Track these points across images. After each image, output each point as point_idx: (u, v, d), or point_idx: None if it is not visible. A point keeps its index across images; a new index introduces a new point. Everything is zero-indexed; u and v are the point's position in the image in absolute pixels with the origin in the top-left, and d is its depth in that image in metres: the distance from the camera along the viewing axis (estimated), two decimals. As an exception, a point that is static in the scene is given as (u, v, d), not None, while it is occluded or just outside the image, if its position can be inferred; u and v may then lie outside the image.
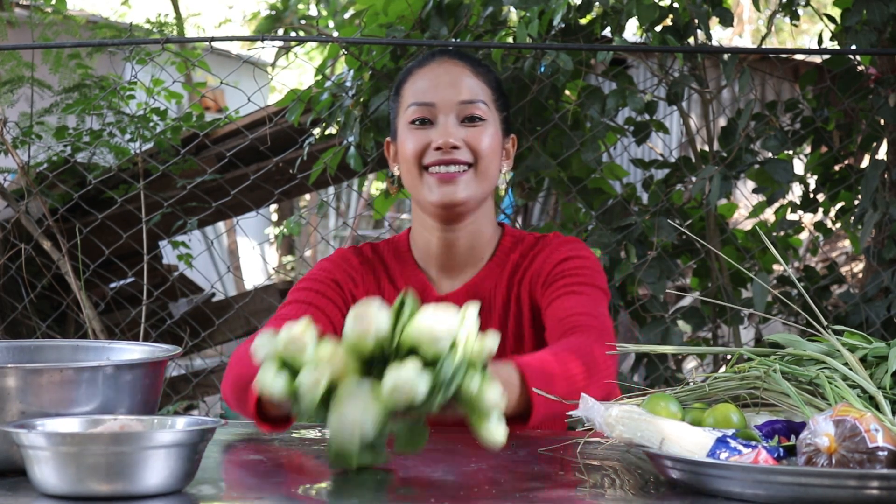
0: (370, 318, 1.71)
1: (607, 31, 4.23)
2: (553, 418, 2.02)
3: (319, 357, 1.71)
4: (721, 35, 12.06)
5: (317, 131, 4.58)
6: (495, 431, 1.71)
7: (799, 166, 4.58)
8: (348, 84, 4.21)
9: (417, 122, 2.32)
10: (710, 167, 3.95)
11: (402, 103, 2.37)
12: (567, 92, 4.32)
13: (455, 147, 2.28)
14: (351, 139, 4.18)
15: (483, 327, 2.09)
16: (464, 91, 2.32)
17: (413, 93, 2.34)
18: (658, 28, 4.04)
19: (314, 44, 10.59)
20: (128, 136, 4.70)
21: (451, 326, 1.68)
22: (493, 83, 2.38)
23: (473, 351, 1.70)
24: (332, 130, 4.46)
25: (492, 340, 1.73)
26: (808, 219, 4.51)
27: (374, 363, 1.72)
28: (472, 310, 1.72)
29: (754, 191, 4.30)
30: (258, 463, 1.93)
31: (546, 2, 3.89)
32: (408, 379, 1.65)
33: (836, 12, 4.15)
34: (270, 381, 1.71)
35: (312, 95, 4.32)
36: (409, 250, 2.42)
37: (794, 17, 4.28)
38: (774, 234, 4.41)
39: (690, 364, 6.42)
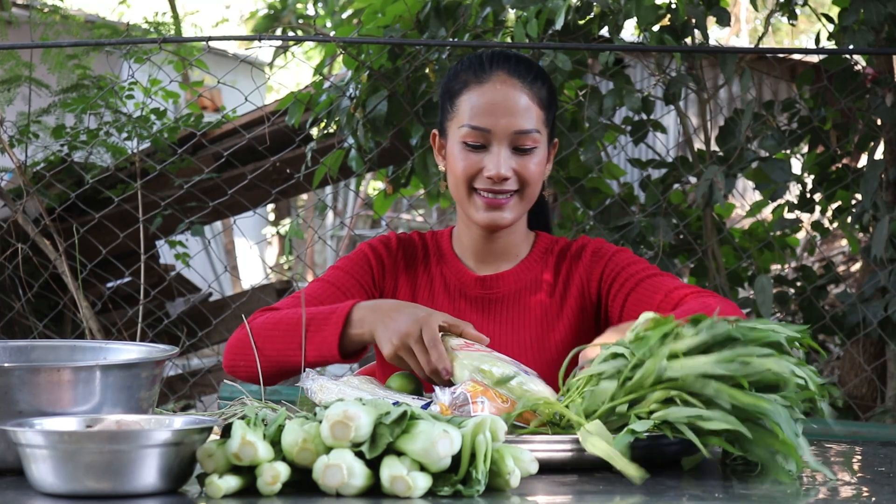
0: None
1: (604, 31, 4.22)
2: None
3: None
4: (718, 35, 12.07)
5: (315, 132, 4.58)
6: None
7: (796, 166, 4.58)
8: (347, 84, 4.20)
9: (471, 145, 2.37)
10: (713, 168, 3.94)
11: (457, 117, 2.40)
12: (565, 91, 4.32)
13: (505, 178, 2.36)
14: (351, 141, 4.18)
15: (525, 310, 2.40)
16: (519, 120, 2.36)
17: (470, 112, 2.37)
18: (656, 28, 4.04)
19: (312, 43, 10.59)
20: (125, 136, 4.70)
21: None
22: (545, 96, 2.42)
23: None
24: (331, 129, 4.46)
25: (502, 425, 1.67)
26: (806, 218, 4.50)
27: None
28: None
29: (756, 188, 4.30)
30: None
31: (544, 2, 3.89)
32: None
33: (833, 12, 4.15)
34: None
35: (312, 96, 4.31)
36: (450, 247, 2.51)
37: (792, 16, 4.28)
38: (772, 233, 4.41)
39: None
